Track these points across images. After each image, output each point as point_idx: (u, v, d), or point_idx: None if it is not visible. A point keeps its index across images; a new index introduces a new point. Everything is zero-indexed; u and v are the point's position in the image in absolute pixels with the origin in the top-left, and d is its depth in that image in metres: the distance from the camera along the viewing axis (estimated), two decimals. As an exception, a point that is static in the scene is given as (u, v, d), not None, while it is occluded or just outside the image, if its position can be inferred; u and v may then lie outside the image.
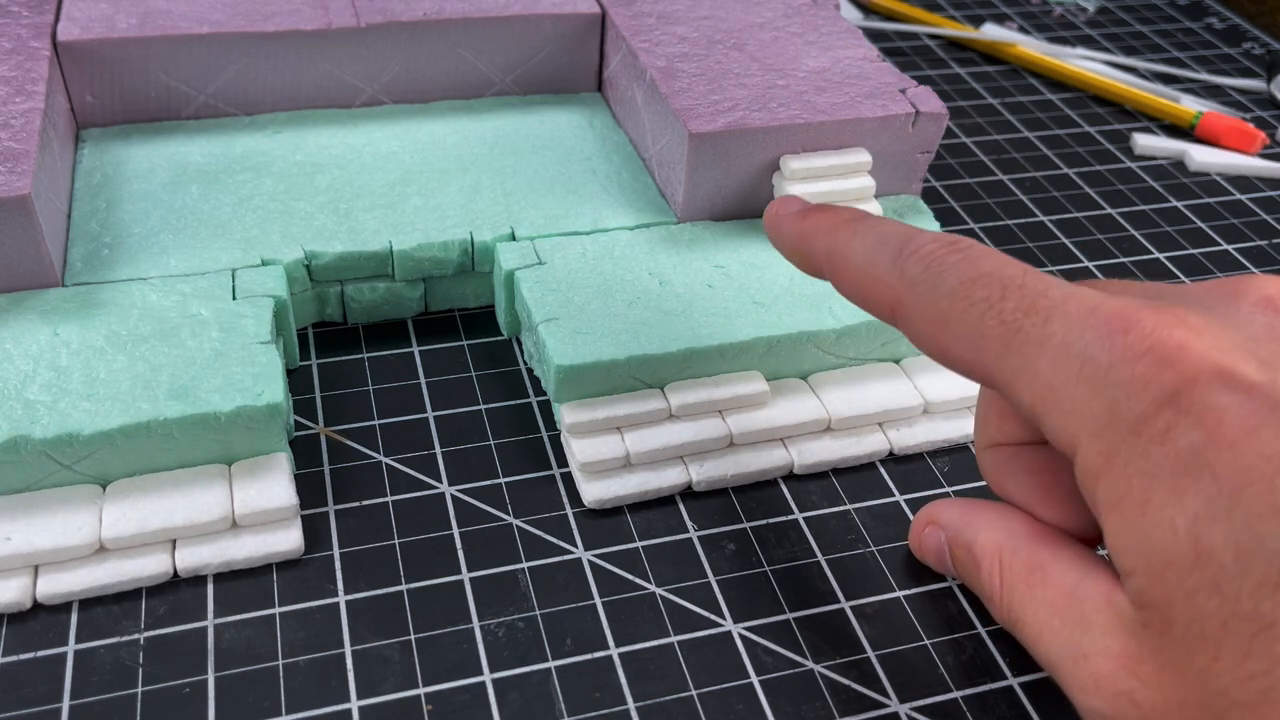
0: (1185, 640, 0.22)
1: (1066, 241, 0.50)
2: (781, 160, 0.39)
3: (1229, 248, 0.51)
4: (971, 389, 0.39)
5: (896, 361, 0.40)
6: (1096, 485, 0.23)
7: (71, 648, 0.31)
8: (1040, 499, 0.30)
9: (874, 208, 0.39)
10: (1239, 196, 0.55)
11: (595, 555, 0.34)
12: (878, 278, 0.28)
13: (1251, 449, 0.21)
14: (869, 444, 0.38)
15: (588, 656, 0.31)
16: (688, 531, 0.35)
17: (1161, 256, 0.50)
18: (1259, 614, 0.20)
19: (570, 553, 0.34)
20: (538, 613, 0.32)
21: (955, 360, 0.26)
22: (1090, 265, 0.49)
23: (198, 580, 0.32)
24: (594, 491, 0.35)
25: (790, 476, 0.37)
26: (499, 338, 0.42)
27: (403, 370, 0.40)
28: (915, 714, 0.31)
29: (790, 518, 0.36)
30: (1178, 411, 0.22)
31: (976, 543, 0.30)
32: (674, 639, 0.32)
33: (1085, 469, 0.23)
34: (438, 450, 0.37)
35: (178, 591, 0.32)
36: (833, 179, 0.40)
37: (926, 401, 0.39)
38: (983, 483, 0.38)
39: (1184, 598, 0.22)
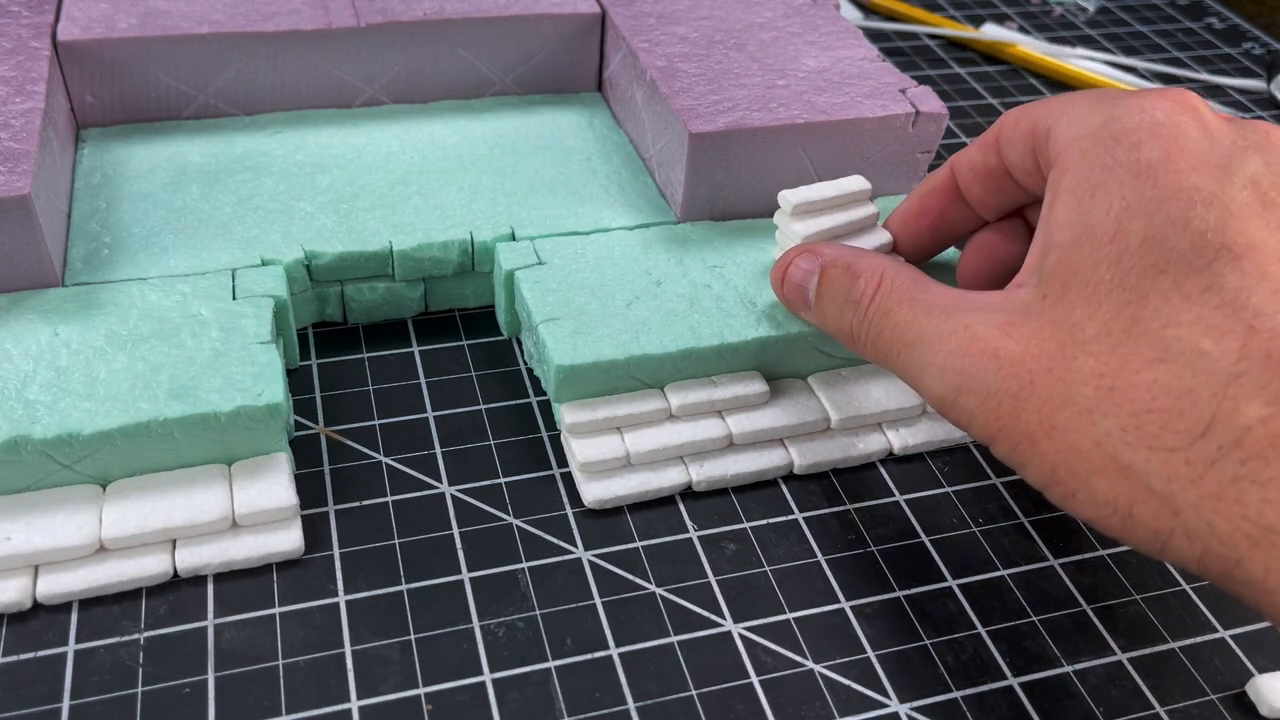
0: (1073, 301, 0.27)
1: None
2: (780, 196, 0.38)
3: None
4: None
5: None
6: (1063, 177, 0.28)
7: (71, 648, 0.31)
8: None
9: (881, 237, 0.39)
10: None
11: (595, 555, 0.34)
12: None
13: (1190, 177, 0.26)
14: (869, 444, 0.38)
15: (588, 656, 0.31)
16: (688, 531, 0.35)
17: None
18: (1140, 288, 0.26)
19: (570, 553, 0.34)
20: (538, 613, 0.32)
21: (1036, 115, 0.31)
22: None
23: (198, 580, 0.32)
24: (594, 491, 0.35)
25: (790, 476, 0.37)
26: (499, 338, 0.42)
27: (403, 370, 0.40)
28: (915, 714, 0.31)
29: (790, 517, 0.36)
30: (1153, 134, 0.27)
31: (859, 263, 0.33)
32: (674, 639, 0.32)
33: (1062, 162, 0.29)
34: (438, 450, 0.37)
35: (178, 591, 0.32)
36: (834, 211, 0.38)
37: (926, 401, 0.39)
38: (983, 481, 0.38)
39: (1090, 266, 0.27)
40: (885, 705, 0.31)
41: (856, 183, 0.39)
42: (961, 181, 0.35)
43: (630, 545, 0.35)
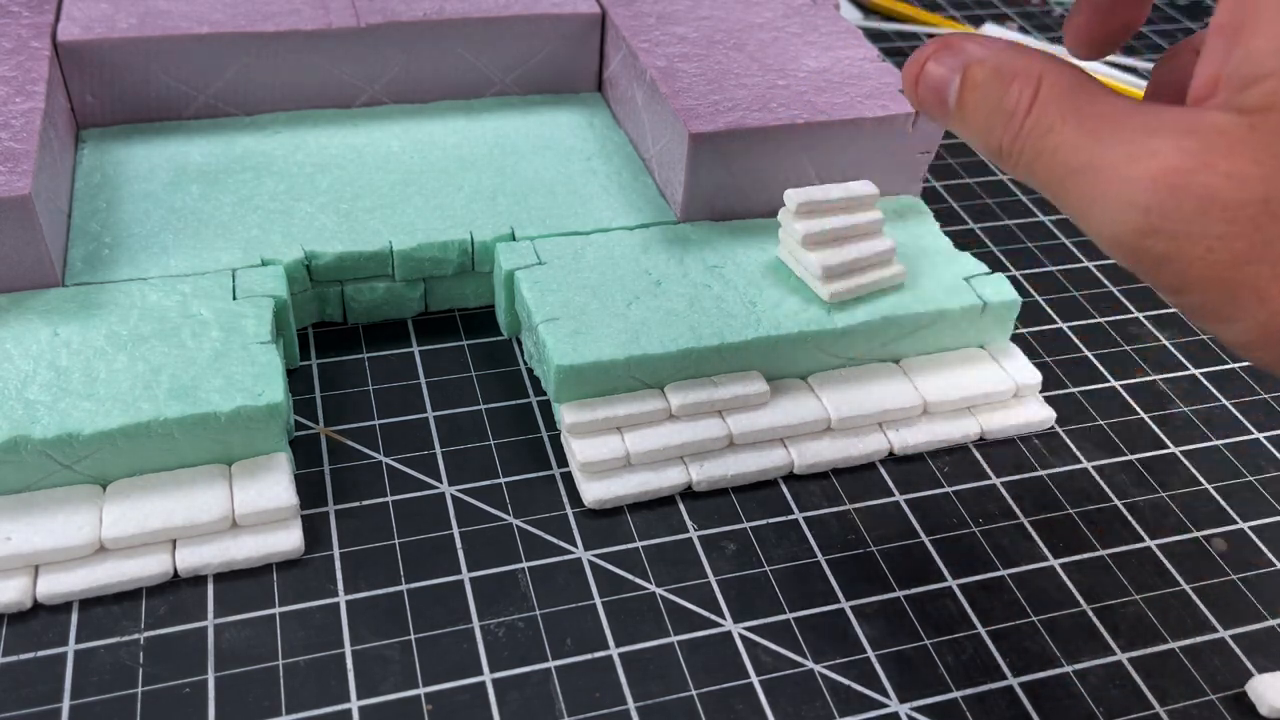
0: None
1: (1066, 241, 0.50)
2: (785, 194, 0.38)
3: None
4: (972, 390, 0.39)
5: (896, 362, 0.40)
6: None
7: (71, 648, 0.31)
8: None
9: (884, 244, 0.39)
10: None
11: (595, 555, 0.34)
12: None
13: None
14: (869, 444, 0.38)
15: (588, 656, 0.31)
16: (688, 531, 0.35)
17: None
18: None
19: (570, 553, 0.34)
20: (538, 613, 0.32)
21: None
22: (1090, 265, 0.49)
23: (198, 580, 0.32)
24: (594, 491, 0.35)
25: (790, 476, 0.37)
26: (499, 338, 0.42)
27: (403, 370, 0.40)
28: (915, 714, 0.31)
29: (790, 518, 0.36)
30: None
31: (1012, 64, 0.27)
32: (674, 639, 0.32)
33: None
34: (438, 450, 0.37)
35: (178, 591, 0.32)
36: (838, 214, 0.39)
37: (926, 402, 0.39)
38: (983, 481, 0.38)
39: None
40: (885, 705, 0.31)
41: (864, 187, 0.39)
42: None
43: (630, 545, 0.35)
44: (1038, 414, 0.40)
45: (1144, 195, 0.24)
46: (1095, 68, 0.65)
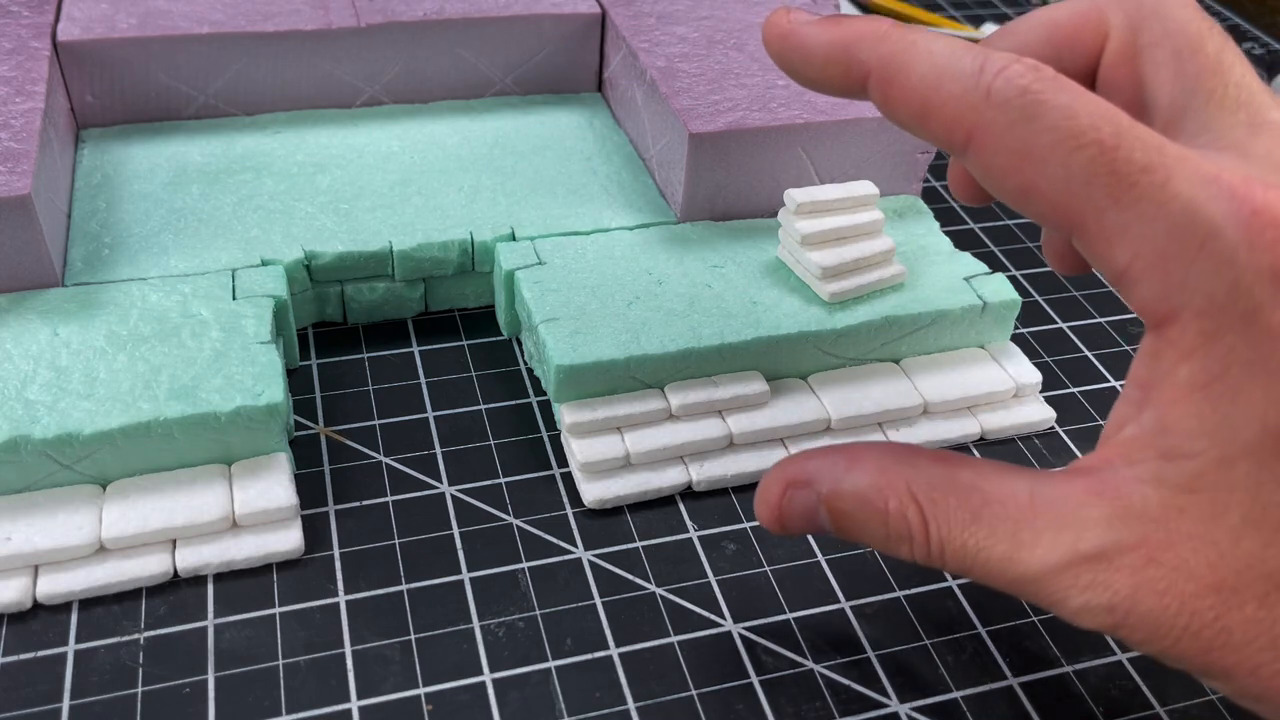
0: (1238, 526, 0.22)
1: (1067, 241, 0.50)
2: (785, 194, 0.38)
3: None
4: (972, 390, 0.39)
5: (896, 362, 0.40)
6: (1182, 363, 0.22)
7: (71, 648, 0.31)
8: None
9: (884, 244, 0.39)
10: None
11: (595, 555, 0.34)
12: (951, 95, 0.24)
13: None
14: (869, 444, 0.38)
15: (588, 656, 0.31)
16: (688, 531, 0.35)
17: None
18: None
19: (570, 553, 0.34)
20: (538, 613, 0.32)
21: (1037, 200, 0.23)
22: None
23: (198, 580, 0.32)
24: (594, 491, 0.35)
25: (790, 476, 0.37)
26: (499, 338, 0.42)
27: (403, 370, 0.40)
28: (915, 714, 0.31)
29: (790, 518, 0.36)
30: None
31: (870, 486, 0.26)
32: (674, 639, 0.32)
33: (1175, 343, 0.22)
34: (438, 450, 0.37)
35: (178, 591, 0.32)
36: (839, 213, 0.39)
37: (926, 402, 0.39)
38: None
39: (1252, 486, 0.22)
40: (885, 705, 0.31)
41: (864, 187, 0.39)
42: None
43: (630, 545, 0.35)
44: (1038, 414, 0.40)
45: (1102, 598, 0.23)
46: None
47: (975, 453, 0.39)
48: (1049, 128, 0.22)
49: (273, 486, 0.33)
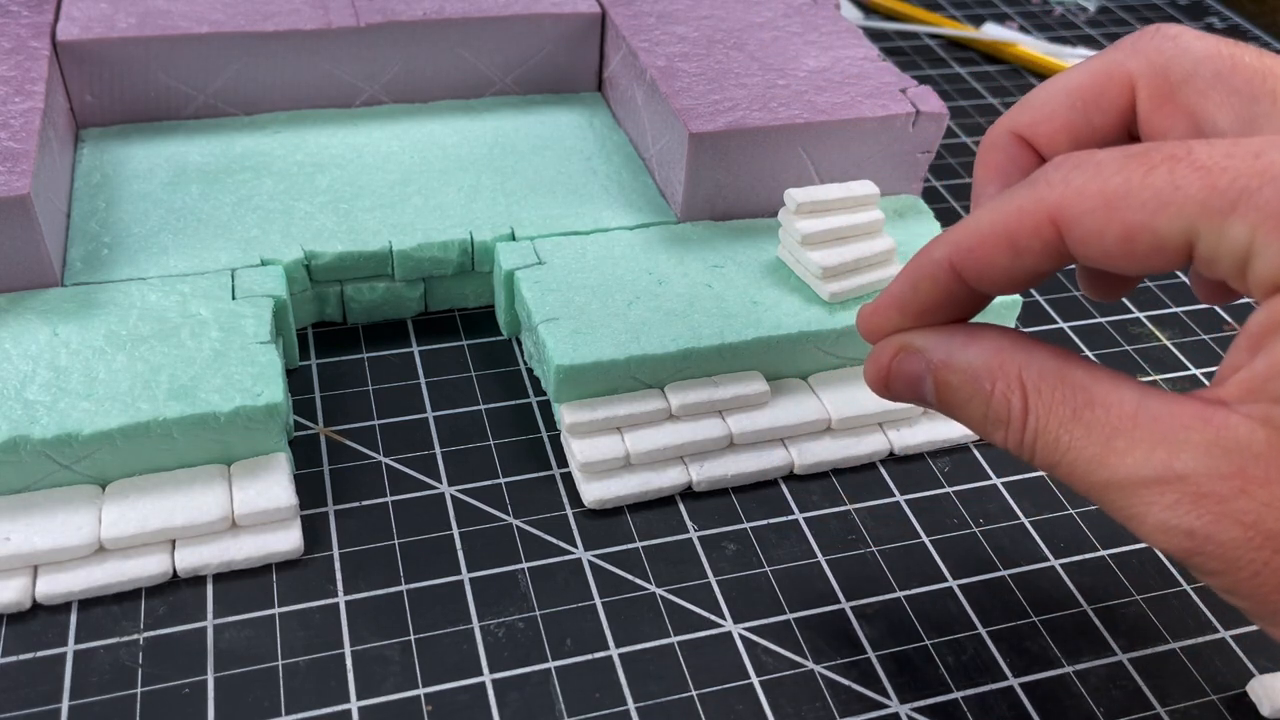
0: None
1: (1067, 241, 0.50)
2: (786, 194, 0.38)
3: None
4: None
5: (897, 361, 0.40)
6: None
7: (71, 648, 0.31)
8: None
9: (884, 244, 0.39)
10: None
11: (595, 555, 0.34)
12: (1021, 210, 0.24)
13: None
14: (869, 444, 0.38)
15: (588, 656, 0.31)
16: (688, 531, 0.35)
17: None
18: None
19: (570, 553, 0.34)
20: (538, 613, 0.32)
21: (1138, 232, 0.23)
22: (1090, 265, 0.49)
23: (197, 580, 0.32)
24: (594, 491, 0.35)
25: (790, 476, 0.37)
26: (499, 338, 0.42)
27: (403, 370, 0.40)
28: (915, 714, 0.31)
29: (790, 518, 0.36)
30: None
31: (980, 364, 0.26)
32: (674, 639, 0.32)
33: None
34: (438, 450, 0.37)
35: (177, 591, 0.32)
36: (839, 213, 0.39)
37: (927, 401, 0.39)
38: (983, 481, 0.38)
39: None
40: (885, 705, 0.31)
41: (864, 187, 0.39)
42: (989, 286, 0.26)
43: (630, 545, 0.35)
44: (1038, 414, 0.40)
45: (1186, 520, 0.23)
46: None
47: (975, 452, 0.39)
48: (1119, 169, 0.23)
49: (272, 486, 0.33)
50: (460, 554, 0.34)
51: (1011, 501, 0.37)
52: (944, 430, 0.39)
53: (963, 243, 0.26)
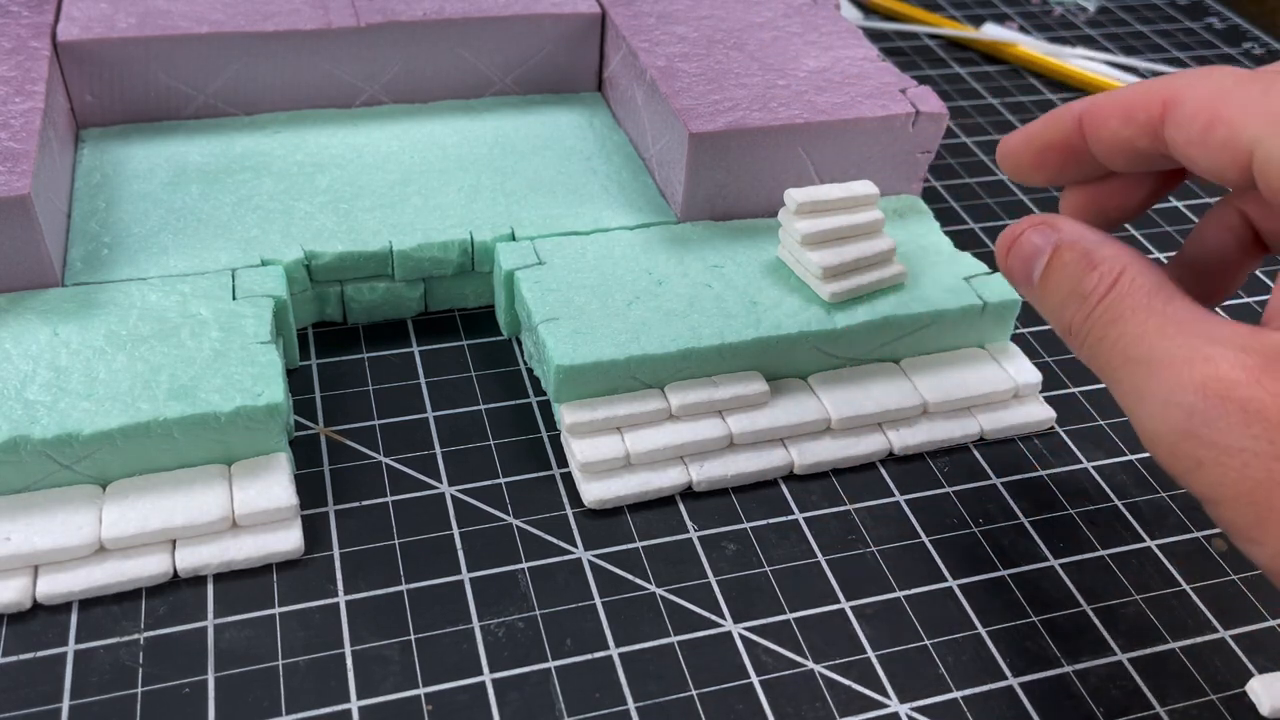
0: None
1: (1066, 241, 0.50)
2: (785, 194, 0.38)
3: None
4: (972, 390, 0.39)
5: (896, 361, 0.40)
6: None
7: (71, 648, 0.31)
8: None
9: (884, 243, 0.39)
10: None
11: (595, 555, 0.34)
12: (1146, 89, 0.28)
13: None
14: (869, 444, 0.38)
15: (588, 656, 0.31)
16: (688, 531, 0.35)
17: (1163, 257, 0.50)
18: None
19: (570, 553, 0.34)
20: (538, 613, 0.32)
21: (1218, 125, 0.26)
22: (1090, 265, 0.49)
23: (198, 580, 0.32)
24: (594, 491, 0.35)
25: (790, 476, 0.37)
26: (499, 338, 0.42)
27: (403, 370, 0.40)
28: (915, 714, 0.31)
29: (790, 518, 0.36)
30: None
31: (1099, 251, 0.28)
32: (674, 639, 0.32)
33: None
34: (438, 450, 0.37)
35: (178, 591, 0.32)
36: (839, 213, 0.39)
37: (926, 402, 0.39)
38: (983, 481, 0.38)
39: None
40: (885, 705, 0.31)
41: (864, 187, 0.39)
42: (1100, 150, 0.30)
43: (630, 545, 0.35)
44: (1038, 414, 0.40)
45: (1190, 396, 0.24)
46: (1097, 68, 0.65)
47: (975, 453, 0.39)
48: (1229, 72, 0.27)
49: (272, 486, 0.33)
50: (460, 554, 0.34)
51: (1011, 501, 0.37)
52: (944, 430, 0.39)
53: (1094, 101, 0.30)
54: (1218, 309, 0.38)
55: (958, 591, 0.34)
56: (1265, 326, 0.25)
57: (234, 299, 0.36)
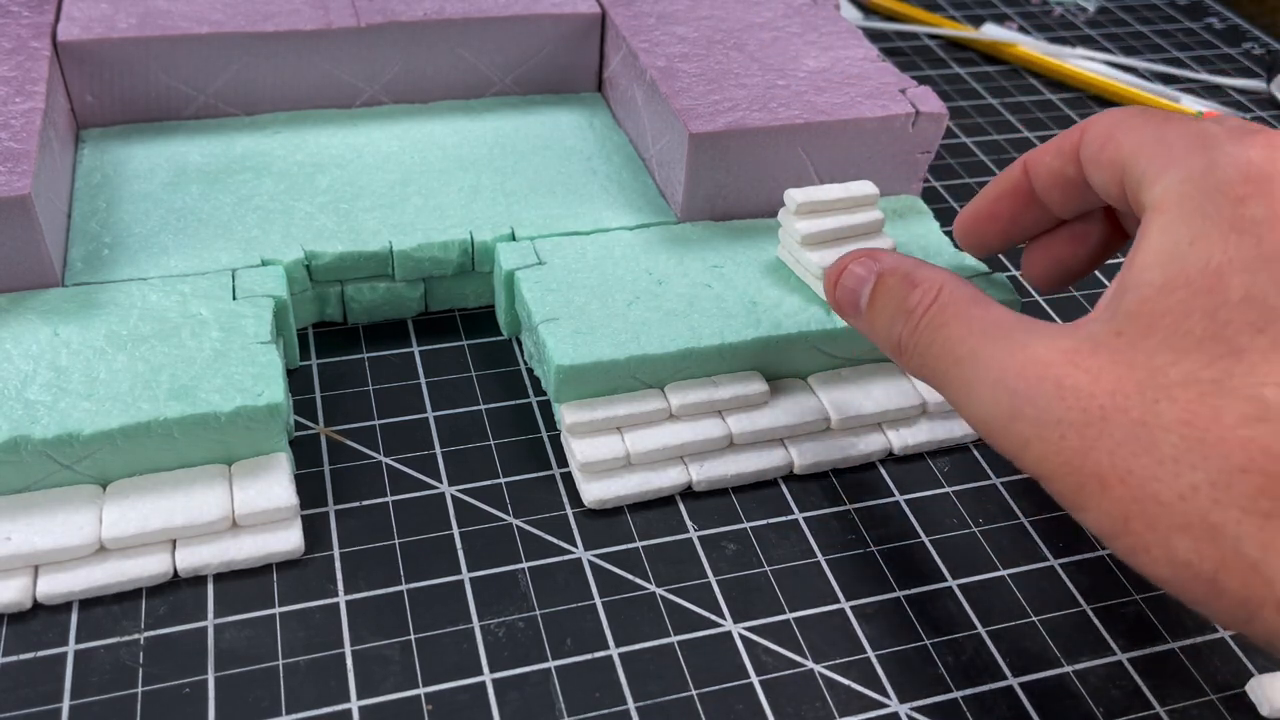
0: (1154, 347, 0.25)
1: (1066, 241, 0.50)
2: (785, 194, 0.38)
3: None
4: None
5: (896, 361, 0.40)
6: (1157, 219, 0.27)
7: (71, 648, 0.31)
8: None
9: (884, 242, 0.39)
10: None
11: (595, 555, 0.34)
12: (1073, 129, 0.32)
13: None
14: (869, 444, 0.38)
15: (588, 656, 0.31)
16: (688, 531, 0.35)
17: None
18: (1235, 343, 0.24)
19: (570, 553, 0.34)
20: (538, 613, 0.32)
21: (1120, 143, 0.30)
22: (1090, 265, 0.49)
23: (198, 580, 0.32)
24: (594, 491, 0.35)
25: (790, 476, 0.37)
26: (499, 338, 0.42)
27: (403, 370, 0.40)
28: (915, 714, 0.31)
29: (790, 517, 0.36)
30: (1259, 190, 0.26)
31: (918, 273, 0.31)
32: (674, 639, 0.32)
33: (1159, 199, 0.27)
34: (438, 450, 0.37)
35: (178, 591, 0.32)
36: (839, 213, 0.39)
37: (926, 402, 0.39)
38: (983, 481, 0.38)
39: (1180, 313, 0.25)
40: (885, 705, 0.31)
41: (864, 187, 0.39)
42: (1039, 186, 0.34)
43: (630, 545, 0.35)
44: (1038, 414, 0.40)
45: (1013, 381, 0.27)
46: (1097, 68, 0.65)
47: (975, 453, 0.39)
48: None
49: (273, 486, 0.33)
50: (460, 554, 0.34)
51: (1011, 501, 0.37)
52: (943, 430, 0.39)
53: (1037, 148, 0.34)
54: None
55: (958, 591, 0.34)
56: (1082, 322, 0.27)
57: (234, 299, 0.36)
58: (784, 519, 0.36)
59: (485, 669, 0.31)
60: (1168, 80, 0.66)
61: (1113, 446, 0.25)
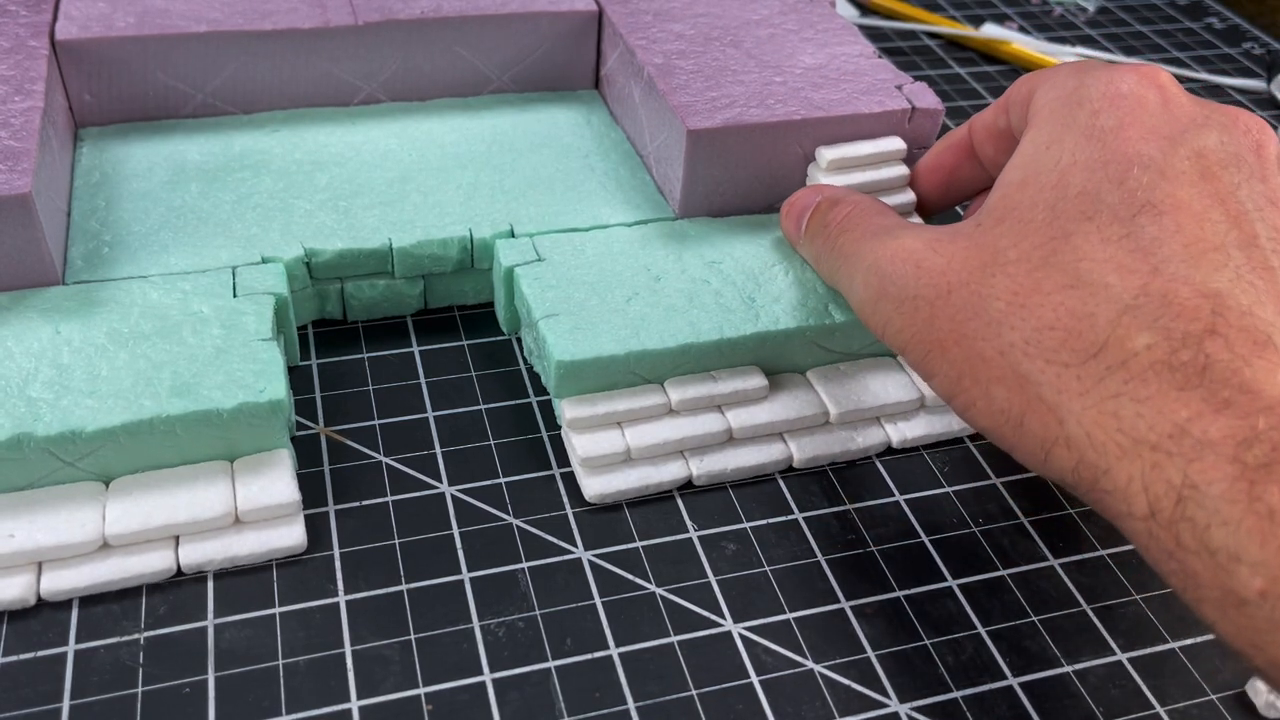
0: (1001, 229, 0.30)
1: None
2: (817, 151, 0.41)
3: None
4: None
5: (893, 356, 0.40)
6: (1029, 130, 0.32)
7: (71, 647, 0.31)
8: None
9: (905, 196, 0.41)
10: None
11: (595, 555, 0.34)
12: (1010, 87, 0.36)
13: (1136, 144, 0.29)
14: (867, 438, 0.38)
15: (588, 656, 0.31)
16: (688, 531, 0.35)
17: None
18: (1066, 228, 0.28)
19: (570, 552, 0.34)
20: (538, 613, 0.32)
21: (1034, 81, 0.34)
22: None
23: (198, 580, 0.32)
24: (594, 486, 0.35)
25: (790, 475, 0.37)
26: (499, 337, 0.42)
27: (403, 370, 0.40)
28: (915, 714, 0.31)
29: (790, 517, 0.36)
30: (1113, 103, 0.30)
31: (848, 198, 0.37)
32: (674, 639, 0.32)
33: (1033, 114, 0.32)
34: (438, 450, 0.37)
35: (178, 591, 0.32)
36: (867, 169, 0.41)
37: (925, 396, 0.39)
38: (983, 481, 0.38)
39: (1028, 205, 0.30)
40: (885, 705, 0.31)
41: (892, 143, 0.41)
42: (976, 140, 0.38)
43: (630, 545, 0.35)
44: (1037, 412, 0.40)
45: (884, 265, 0.31)
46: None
47: (975, 452, 0.39)
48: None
49: (275, 482, 0.33)
50: (460, 553, 0.34)
51: (1011, 501, 0.37)
52: (942, 424, 0.39)
53: (977, 116, 0.38)
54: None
55: (958, 591, 0.34)
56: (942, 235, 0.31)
57: (235, 296, 0.36)
58: (784, 519, 0.36)
59: (485, 669, 0.31)
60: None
61: (953, 313, 0.29)
